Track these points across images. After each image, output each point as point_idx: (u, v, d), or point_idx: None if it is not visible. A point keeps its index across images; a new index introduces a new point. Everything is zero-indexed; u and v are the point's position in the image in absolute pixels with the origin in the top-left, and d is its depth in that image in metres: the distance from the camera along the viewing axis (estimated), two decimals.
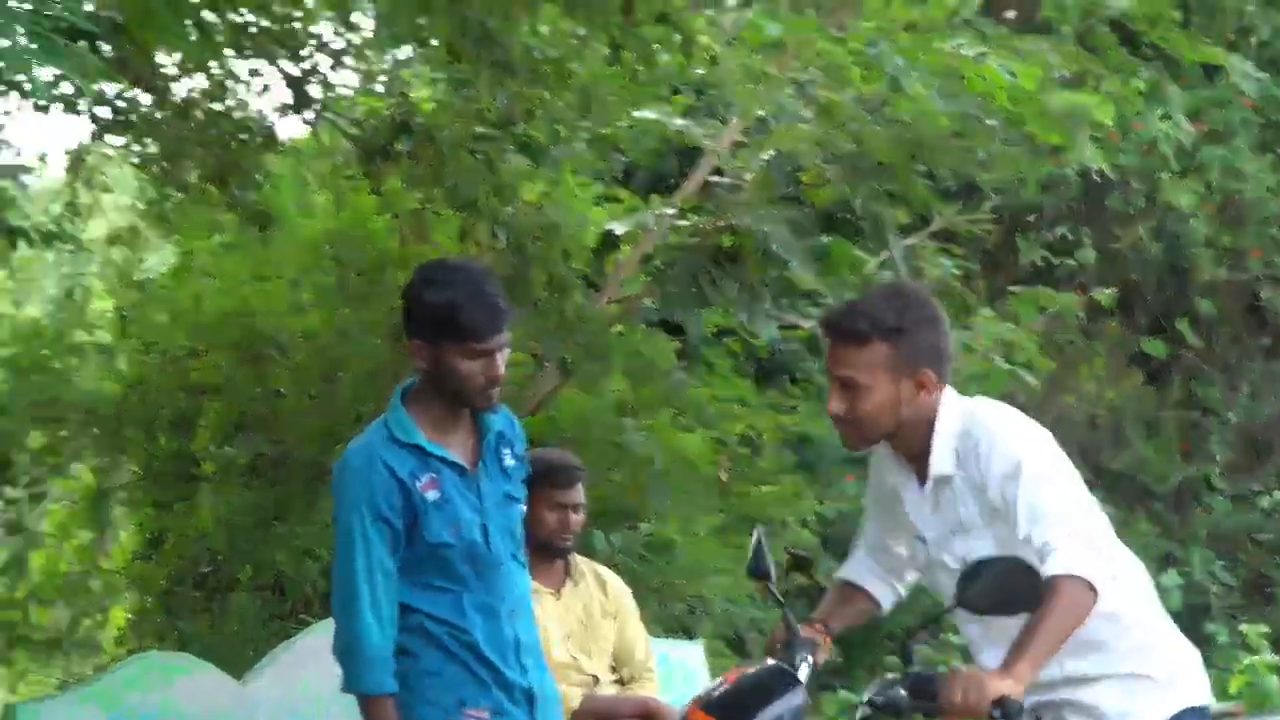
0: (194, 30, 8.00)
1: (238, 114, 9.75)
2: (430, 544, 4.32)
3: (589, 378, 9.30)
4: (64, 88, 9.29)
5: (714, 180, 9.70)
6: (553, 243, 8.86)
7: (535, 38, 8.73)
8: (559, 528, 5.82)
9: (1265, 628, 11.34)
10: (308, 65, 9.46)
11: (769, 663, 4.06)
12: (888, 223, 9.97)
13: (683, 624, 9.80)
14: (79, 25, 3.41)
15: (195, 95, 9.71)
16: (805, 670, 4.05)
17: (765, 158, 9.54)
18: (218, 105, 9.67)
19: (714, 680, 4.11)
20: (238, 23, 8.88)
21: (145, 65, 9.03)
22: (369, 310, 10.32)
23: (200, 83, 9.71)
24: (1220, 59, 9.23)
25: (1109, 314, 14.10)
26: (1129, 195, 14.19)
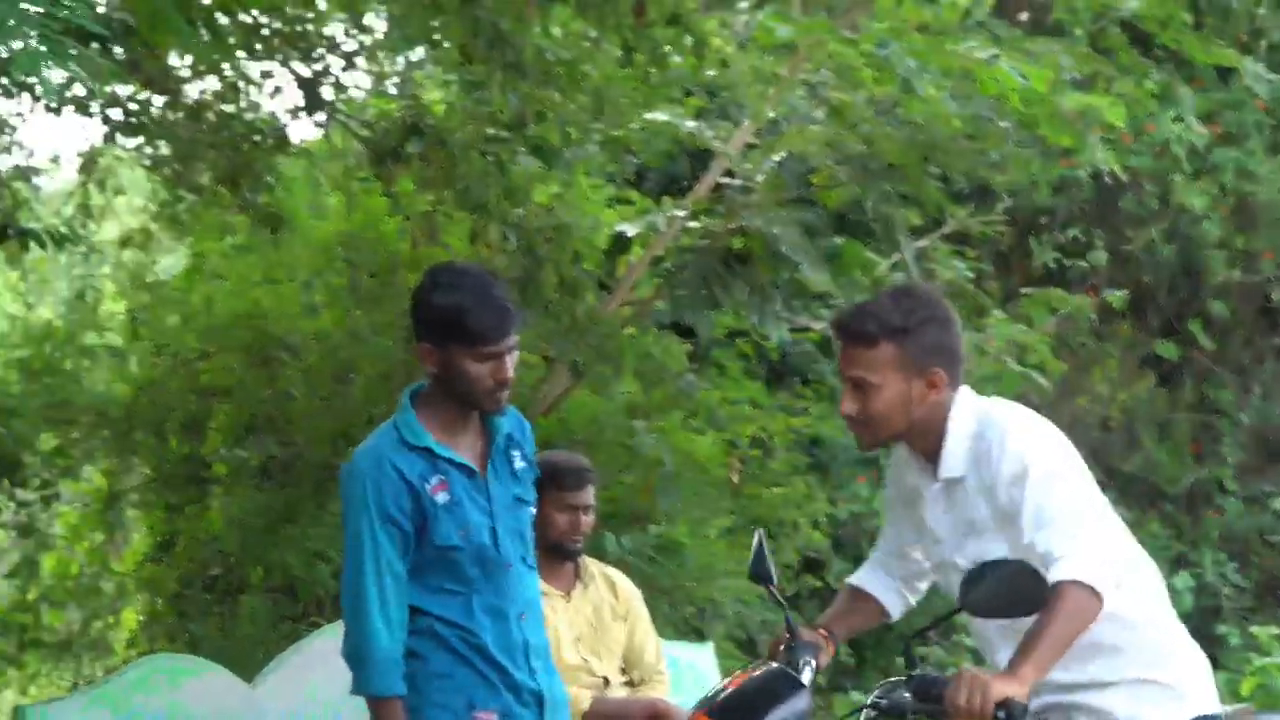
0: (205, 32, 8.02)
1: (250, 116, 9.75)
2: (439, 547, 4.33)
3: (600, 380, 9.29)
4: (76, 90, 9.31)
5: (725, 182, 9.68)
6: (564, 245, 8.85)
7: (548, 39, 8.73)
8: (569, 529, 5.82)
9: (1277, 630, 11.31)
10: (319, 67, 9.47)
11: (771, 666, 4.07)
12: (899, 224, 9.95)
13: (694, 626, 9.79)
14: (86, 28, 3.40)
15: (207, 97, 9.72)
16: (808, 673, 4.06)
17: (776, 159, 9.52)
18: (230, 107, 9.67)
19: (717, 684, 4.12)
20: (249, 24, 8.89)
21: (157, 67, 9.04)
22: (380, 312, 10.32)
23: (212, 84, 9.72)
24: (1233, 61, 9.20)
25: (1121, 316, 14.07)
26: (1142, 197, 14.16)
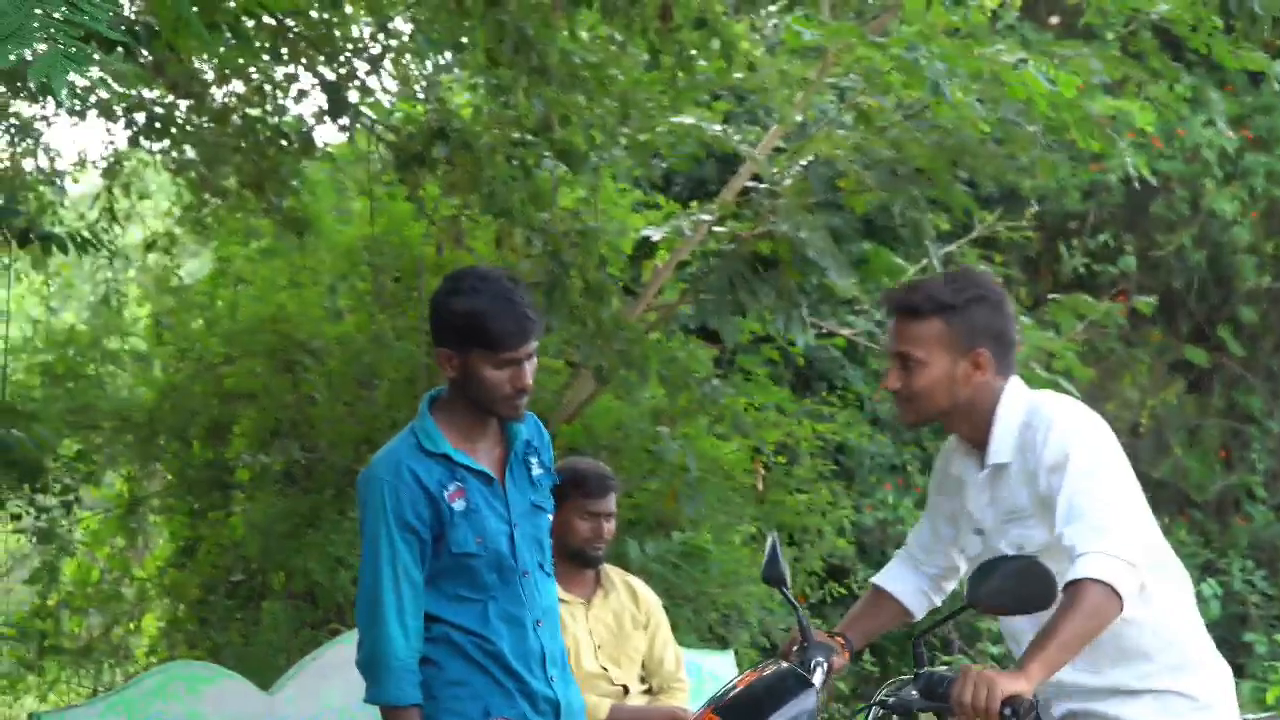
0: (230, 35, 8.01)
1: (275, 120, 9.74)
2: (456, 554, 4.30)
3: (625, 385, 9.25)
4: (101, 94, 9.31)
5: (752, 186, 9.65)
6: (589, 249, 8.82)
7: (574, 43, 8.71)
8: (592, 537, 5.79)
9: None
10: (344, 71, 9.46)
11: (782, 665, 4.08)
12: (926, 229, 9.92)
13: (717, 633, 9.76)
14: (102, 34, 3.37)
15: (233, 101, 9.72)
16: (819, 674, 4.06)
17: (803, 164, 9.49)
18: (255, 111, 9.66)
19: (728, 682, 4.14)
20: (274, 27, 8.87)
21: (182, 71, 9.04)
22: (404, 317, 10.31)
23: (238, 88, 9.72)
24: (1262, 65, 9.13)
25: (1151, 321, 14.00)
26: (1172, 202, 14.08)
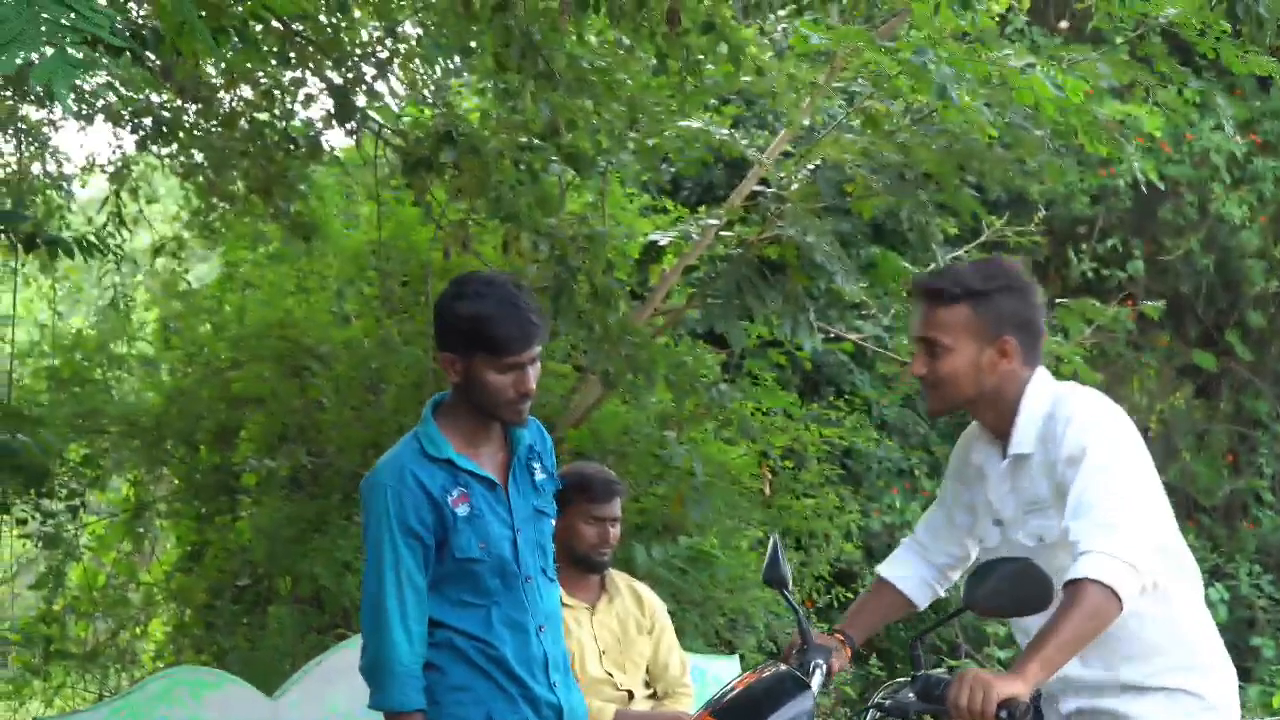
0: (236, 40, 8.01)
1: (283, 124, 9.74)
2: (459, 559, 4.30)
3: (632, 390, 9.25)
4: (110, 98, 9.32)
5: (760, 190, 9.65)
6: (597, 254, 8.81)
7: (583, 48, 8.71)
8: (597, 542, 5.79)
9: None
10: (352, 75, 9.45)
11: (780, 668, 4.08)
12: (934, 234, 9.91)
13: (724, 637, 9.75)
14: (104, 39, 3.37)
15: (240, 106, 9.71)
16: (818, 676, 4.07)
17: (811, 168, 9.49)
18: (263, 115, 9.67)
19: (726, 685, 4.14)
20: (282, 31, 8.87)
21: (190, 75, 9.04)
22: (412, 322, 10.31)
23: (246, 93, 9.72)
24: (1271, 70, 9.11)
25: (1159, 326, 13.99)
26: (1180, 206, 14.08)
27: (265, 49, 8.82)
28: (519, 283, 4.39)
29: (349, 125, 9.36)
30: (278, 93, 9.72)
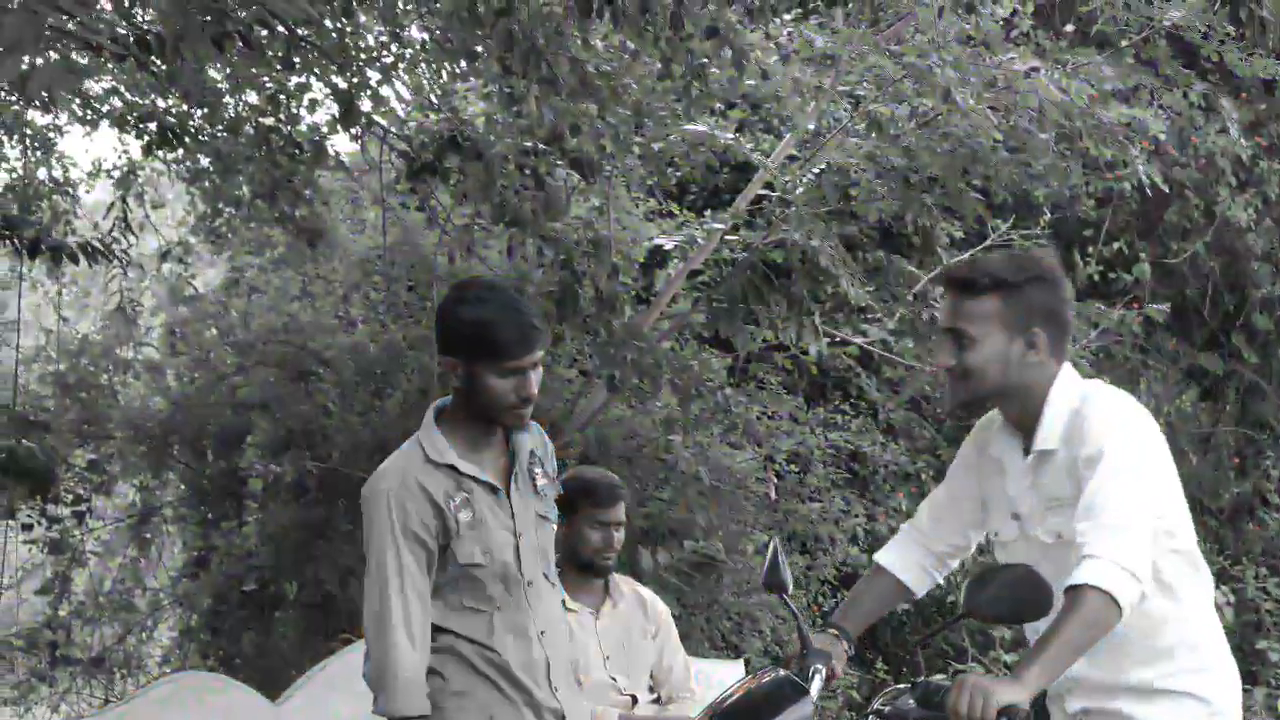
0: (241, 45, 8.00)
1: (288, 129, 9.75)
2: (462, 565, 4.30)
3: (638, 394, 9.25)
4: (115, 103, 9.32)
5: (765, 195, 9.65)
6: (602, 258, 8.81)
7: (587, 52, 8.70)
8: (601, 547, 5.78)
9: None
10: (357, 80, 9.45)
11: (779, 673, 4.07)
12: (939, 237, 9.91)
13: (730, 641, 9.74)
14: (105, 46, 3.38)
15: (245, 111, 9.72)
16: (817, 681, 4.06)
17: (816, 172, 9.49)
18: (269, 120, 9.67)
19: (726, 690, 4.13)
20: (287, 37, 8.87)
21: (195, 80, 9.04)
22: (417, 327, 10.31)
23: (251, 98, 9.72)
24: (1276, 72, 9.12)
25: (1165, 329, 13.96)
26: (1186, 209, 14.05)
27: (271, 54, 8.82)
28: (520, 288, 4.40)
29: (354, 130, 9.37)
30: (283, 98, 9.72)
